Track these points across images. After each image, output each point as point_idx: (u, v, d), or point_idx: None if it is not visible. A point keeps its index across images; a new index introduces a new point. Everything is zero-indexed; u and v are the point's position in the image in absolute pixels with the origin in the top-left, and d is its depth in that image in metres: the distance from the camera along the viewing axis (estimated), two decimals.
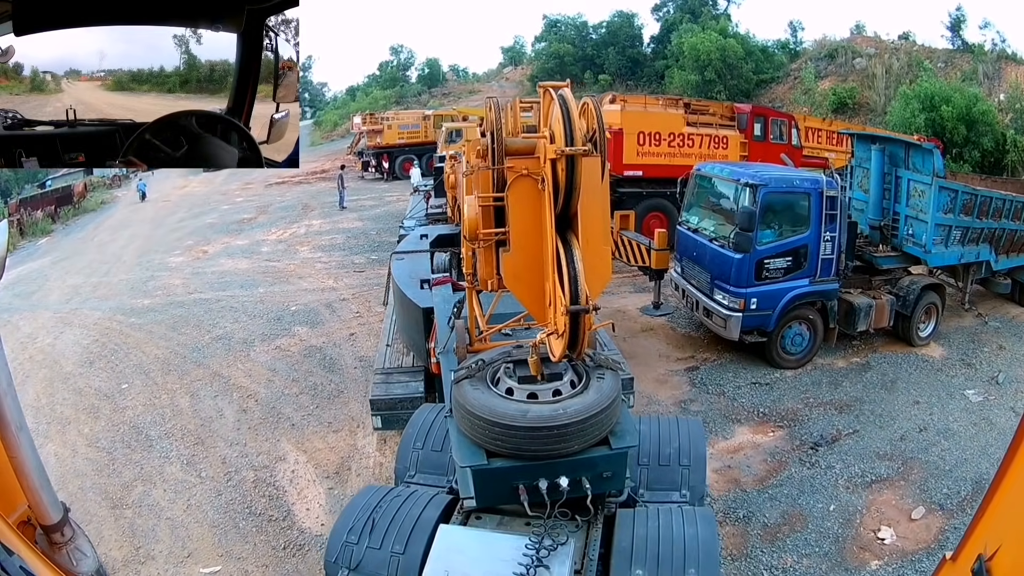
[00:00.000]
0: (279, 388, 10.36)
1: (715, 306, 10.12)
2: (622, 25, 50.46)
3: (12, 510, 2.33)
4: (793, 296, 9.95)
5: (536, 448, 3.78)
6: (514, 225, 3.99)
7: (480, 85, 60.34)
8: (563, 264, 3.71)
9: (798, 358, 10.48)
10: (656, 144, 16.65)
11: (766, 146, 17.38)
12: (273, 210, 27.28)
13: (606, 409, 3.92)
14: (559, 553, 3.59)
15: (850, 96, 34.44)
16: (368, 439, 8.76)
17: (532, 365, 4.10)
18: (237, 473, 8.26)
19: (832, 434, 8.69)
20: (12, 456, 2.26)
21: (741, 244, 9.55)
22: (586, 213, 3.89)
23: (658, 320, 12.40)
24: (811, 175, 10.23)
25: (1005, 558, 1.85)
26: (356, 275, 16.42)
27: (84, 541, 2.54)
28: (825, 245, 9.93)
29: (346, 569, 4.11)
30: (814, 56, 41.07)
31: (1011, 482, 1.96)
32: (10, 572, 1.96)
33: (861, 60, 37.34)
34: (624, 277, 14.98)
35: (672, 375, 10.27)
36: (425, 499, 4.49)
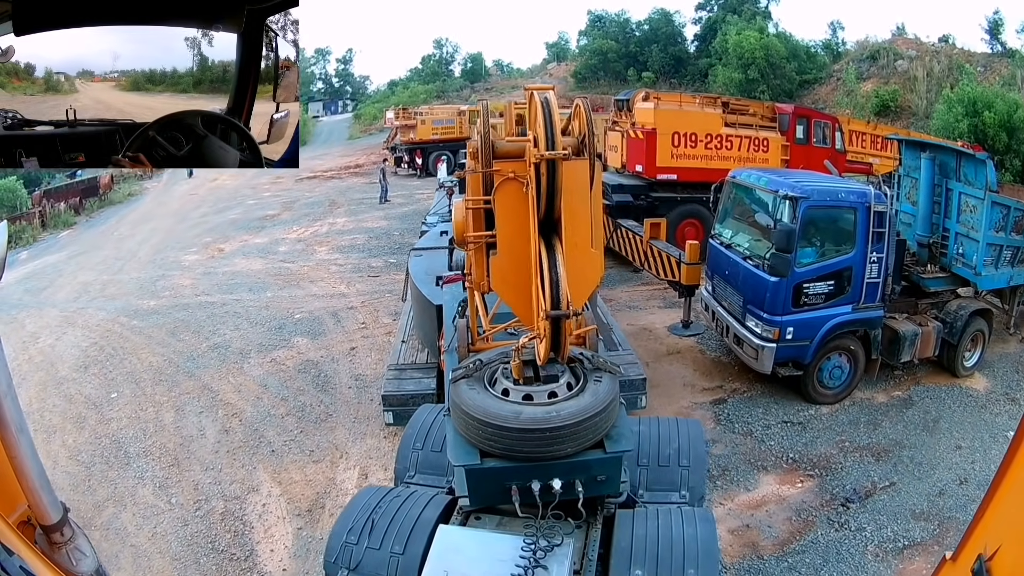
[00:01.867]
0: (266, 407, 9.65)
1: (746, 334, 9.00)
2: (664, 22, 49.82)
3: (12, 510, 2.30)
4: (834, 325, 8.77)
5: (529, 449, 3.77)
6: (500, 228, 3.99)
7: (523, 81, 59.41)
8: (544, 268, 3.71)
9: (836, 392, 9.31)
10: (692, 145, 15.42)
11: (808, 150, 16.10)
12: (299, 206, 26.70)
13: (601, 412, 3.87)
14: (558, 553, 3.58)
15: (892, 99, 33.63)
16: (348, 473, 7.99)
17: (514, 368, 4.08)
18: (207, 502, 7.74)
19: (866, 488, 7.61)
20: (12, 456, 2.24)
21: (778, 267, 8.40)
22: (571, 217, 3.84)
23: (686, 341, 11.30)
24: (858, 186, 9.03)
25: (1005, 558, 1.84)
26: (370, 280, 15.65)
27: (84, 541, 2.51)
28: (871, 267, 8.74)
29: (345, 569, 4.11)
30: (856, 57, 40.08)
31: (1011, 482, 1.96)
32: (10, 572, 1.95)
33: (903, 62, 36.32)
34: (654, 290, 13.94)
35: (696, 408, 9.19)
36: (424, 499, 4.49)
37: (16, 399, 2.27)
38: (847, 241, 8.73)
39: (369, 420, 9.02)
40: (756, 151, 15.71)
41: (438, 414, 5.52)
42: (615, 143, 17.33)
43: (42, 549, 2.35)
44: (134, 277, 17.04)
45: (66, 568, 2.39)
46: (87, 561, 2.48)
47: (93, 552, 2.53)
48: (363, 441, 8.57)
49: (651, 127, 15.35)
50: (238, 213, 25.75)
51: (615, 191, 15.48)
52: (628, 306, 13.40)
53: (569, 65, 57.35)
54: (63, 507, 2.45)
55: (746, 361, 9.31)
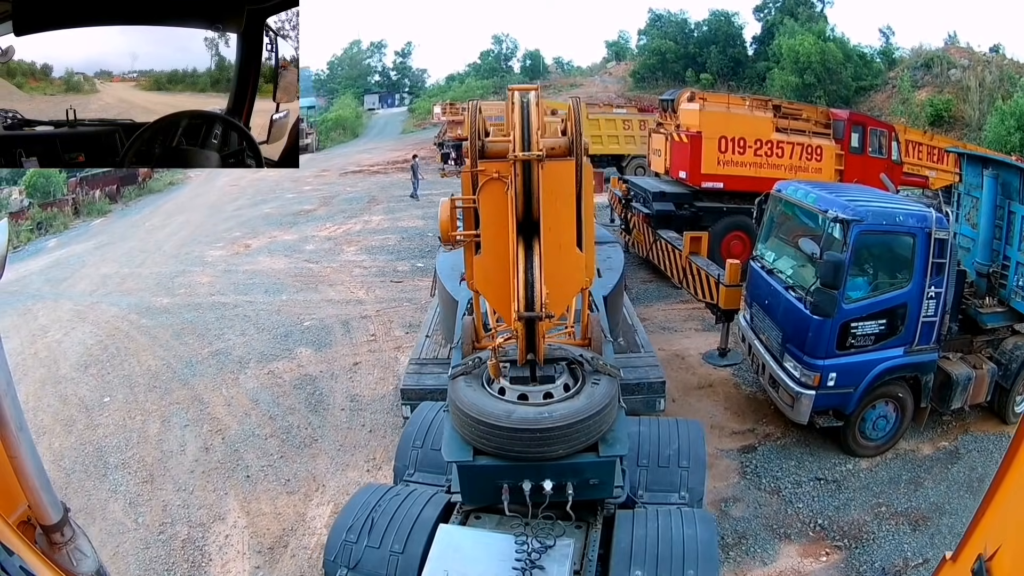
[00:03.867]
0: (252, 425, 9.01)
1: (783, 376, 7.83)
2: (722, 24, 49.06)
3: (12, 510, 2.27)
4: (883, 370, 7.54)
5: (519, 449, 3.75)
6: (484, 228, 3.96)
7: (583, 79, 59.29)
8: (520, 269, 3.68)
9: (879, 444, 8.08)
10: (740, 152, 14.14)
11: (864, 160, 14.63)
12: (337, 202, 26.12)
13: (595, 416, 3.82)
14: (559, 554, 3.59)
15: (946, 108, 32.68)
16: (321, 509, 7.28)
17: (491, 368, 4.06)
18: (172, 526, 7.28)
19: (897, 566, 6.48)
20: (12, 456, 2.21)
21: (822, 305, 7.22)
22: (551, 218, 3.77)
23: (720, 373, 10.17)
24: (917, 208, 7.70)
25: (1005, 558, 1.84)
26: (391, 286, 14.84)
27: (84, 541, 2.49)
28: (928, 304, 7.49)
29: (345, 568, 4.09)
30: (911, 65, 38.89)
31: (1011, 482, 1.96)
32: (10, 572, 1.95)
33: (955, 71, 35.23)
34: (693, 309, 12.68)
35: (721, 456, 8.10)
36: (424, 498, 4.47)
37: (16, 397, 2.21)
38: (903, 272, 7.50)
39: (355, 449, 8.26)
40: (808, 159, 14.35)
41: (438, 412, 5.51)
42: (658, 146, 16.10)
43: (42, 549, 2.32)
44: (154, 272, 16.75)
45: (66, 568, 2.36)
46: (87, 561, 2.45)
47: (94, 552, 2.49)
48: (343, 474, 7.81)
49: (696, 130, 14.13)
50: (274, 207, 25.38)
51: (656, 199, 14.30)
52: (663, 327, 12.24)
53: (628, 64, 56.64)
54: (63, 507, 2.41)
55: (780, 408, 8.17)
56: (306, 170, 36.08)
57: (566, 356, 4.23)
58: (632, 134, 25.72)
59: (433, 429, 5.36)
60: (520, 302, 3.60)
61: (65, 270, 17.72)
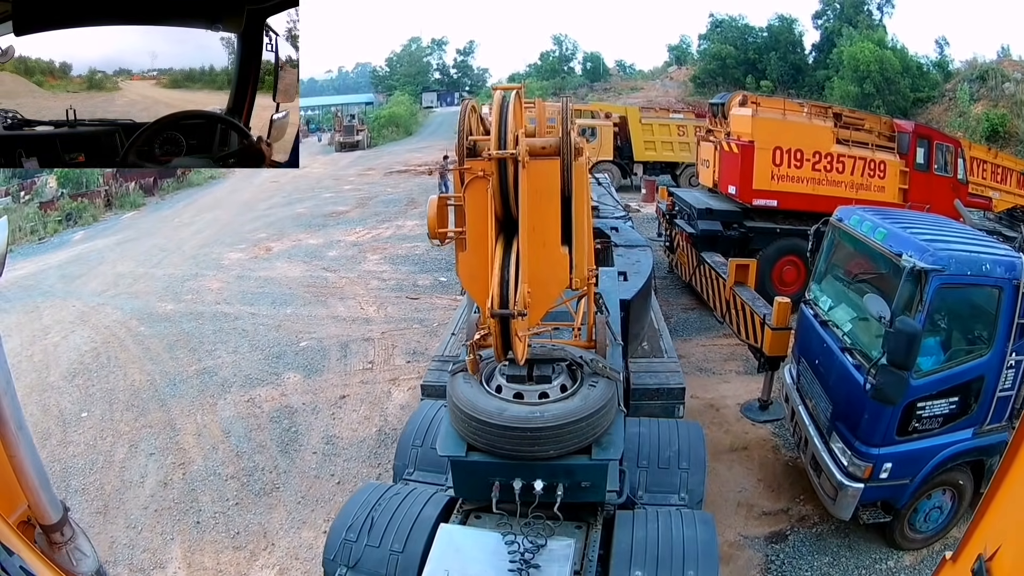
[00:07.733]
0: (216, 462, 8.13)
1: (827, 460, 6.39)
2: (782, 30, 47.50)
3: (12, 510, 2.27)
4: (946, 457, 6.07)
5: (510, 447, 3.75)
6: (469, 226, 3.87)
7: (644, 83, 58.25)
8: (496, 267, 3.64)
9: (928, 536, 6.61)
10: (797, 165, 12.43)
11: (929, 178, 12.81)
12: (374, 204, 25.24)
13: (589, 418, 3.79)
14: (559, 555, 3.60)
15: (1002, 123, 31.09)
16: (264, 573, 6.34)
17: (469, 364, 4.06)
18: (113, 567, 6.75)
19: None
20: (12, 456, 2.20)
21: (887, 390, 5.60)
22: (536, 217, 3.68)
23: (759, 432, 8.71)
24: (1005, 253, 6.06)
25: (1005, 558, 1.84)
26: (405, 303, 13.74)
27: (84, 541, 2.48)
28: (1007, 374, 5.95)
29: (344, 567, 4.06)
30: (967, 77, 36.69)
31: (1011, 482, 1.97)
32: (10, 572, 1.94)
33: (1009, 84, 33.51)
34: (736, 346, 10.91)
35: (744, 545, 6.72)
36: (424, 497, 4.43)
37: (15, 397, 2.18)
38: (982, 335, 5.97)
39: (316, 504, 7.25)
40: (871, 176, 12.60)
41: (438, 410, 5.49)
42: (707, 156, 14.49)
43: (42, 549, 2.32)
44: (168, 273, 16.22)
45: (66, 568, 2.35)
46: (87, 561, 2.45)
47: (93, 552, 2.48)
48: (298, 532, 6.82)
49: (748, 139, 12.51)
50: (307, 207, 24.71)
51: (701, 217, 12.81)
52: (699, 368, 10.64)
53: (690, 69, 55.06)
54: (63, 507, 2.40)
55: (820, 497, 6.72)
56: (352, 168, 35.71)
57: (566, 357, 4.16)
58: (687, 141, 24.08)
59: (432, 428, 5.33)
60: (494, 299, 3.52)
61: (83, 266, 17.41)
